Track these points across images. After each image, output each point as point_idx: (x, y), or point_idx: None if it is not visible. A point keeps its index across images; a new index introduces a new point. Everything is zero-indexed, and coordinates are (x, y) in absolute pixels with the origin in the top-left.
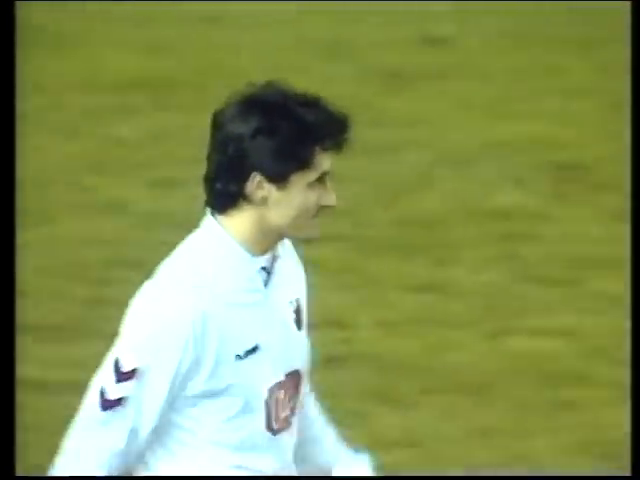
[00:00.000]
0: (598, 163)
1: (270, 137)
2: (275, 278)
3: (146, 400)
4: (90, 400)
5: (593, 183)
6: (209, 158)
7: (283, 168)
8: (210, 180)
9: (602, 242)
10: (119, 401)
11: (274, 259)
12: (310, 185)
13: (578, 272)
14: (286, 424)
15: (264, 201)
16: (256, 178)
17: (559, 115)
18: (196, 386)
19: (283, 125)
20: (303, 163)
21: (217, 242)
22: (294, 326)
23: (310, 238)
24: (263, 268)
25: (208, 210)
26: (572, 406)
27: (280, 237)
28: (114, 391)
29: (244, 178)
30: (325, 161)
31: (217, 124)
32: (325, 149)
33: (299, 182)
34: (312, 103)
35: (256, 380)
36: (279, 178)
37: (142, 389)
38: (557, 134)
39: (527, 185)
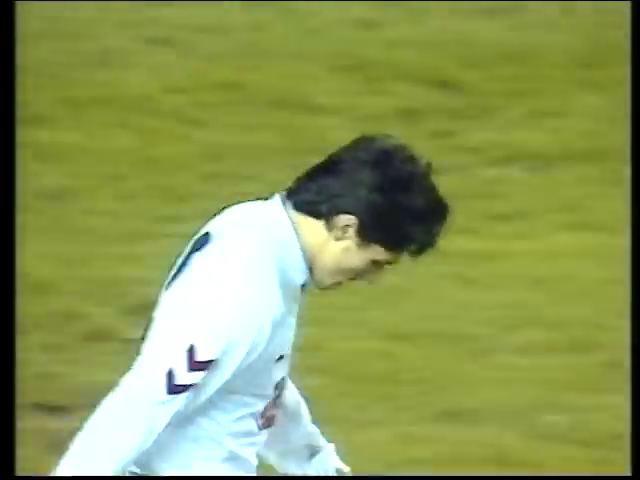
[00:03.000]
0: None
1: (388, 206)
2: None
3: (207, 387)
4: (152, 378)
5: None
6: (326, 167)
7: (377, 234)
8: (312, 184)
9: None
10: (187, 387)
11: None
12: (375, 261)
13: None
14: (270, 423)
15: (336, 239)
16: (348, 220)
17: None
18: (239, 381)
19: (402, 205)
20: (393, 247)
21: (288, 234)
22: None
23: (323, 289)
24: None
25: (284, 198)
26: None
27: (310, 269)
28: (185, 378)
29: (341, 211)
30: (401, 256)
31: (357, 153)
32: (411, 253)
33: (373, 253)
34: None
35: (274, 380)
36: (366, 238)
37: (209, 378)
38: None
39: None
